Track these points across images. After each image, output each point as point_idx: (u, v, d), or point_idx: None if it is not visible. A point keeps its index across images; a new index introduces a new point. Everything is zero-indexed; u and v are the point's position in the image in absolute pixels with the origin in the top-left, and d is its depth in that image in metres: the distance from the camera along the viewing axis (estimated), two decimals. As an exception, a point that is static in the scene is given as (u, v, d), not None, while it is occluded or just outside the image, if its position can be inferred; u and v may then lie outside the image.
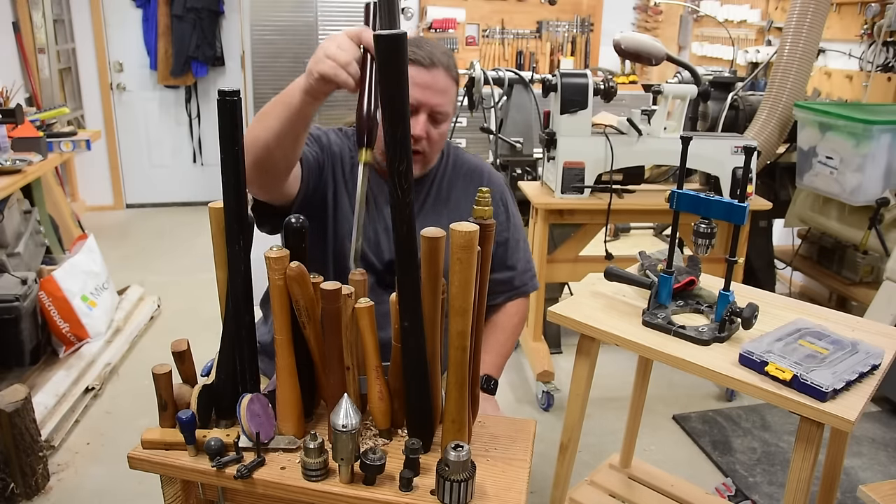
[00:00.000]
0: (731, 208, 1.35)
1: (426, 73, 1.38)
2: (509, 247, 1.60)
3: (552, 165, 2.69)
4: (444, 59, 1.41)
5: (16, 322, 2.57)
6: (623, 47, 2.57)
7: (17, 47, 4.23)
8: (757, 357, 1.27)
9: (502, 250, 1.60)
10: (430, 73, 1.38)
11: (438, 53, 1.40)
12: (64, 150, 3.35)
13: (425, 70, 1.38)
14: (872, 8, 3.27)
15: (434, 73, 1.38)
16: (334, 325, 1.00)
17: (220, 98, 0.95)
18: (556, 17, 5.53)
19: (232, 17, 5.08)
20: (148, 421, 1.10)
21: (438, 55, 1.40)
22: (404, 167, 0.90)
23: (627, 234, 4.63)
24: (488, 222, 0.99)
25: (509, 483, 0.98)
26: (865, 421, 2.69)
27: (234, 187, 0.98)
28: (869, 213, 2.75)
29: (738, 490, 2.27)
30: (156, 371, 1.02)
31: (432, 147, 1.45)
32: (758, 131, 2.97)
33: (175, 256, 4.36)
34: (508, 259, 1.61)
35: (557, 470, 1.67)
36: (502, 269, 1.61)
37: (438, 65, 1.39)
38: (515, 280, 1.62)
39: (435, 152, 1.48)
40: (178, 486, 1.07)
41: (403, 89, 0.88)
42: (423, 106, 1.39)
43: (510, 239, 1.60)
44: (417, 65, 1.38)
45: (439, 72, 1.39)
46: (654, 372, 1.97)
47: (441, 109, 1.41)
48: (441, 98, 1.40)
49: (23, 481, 2.12)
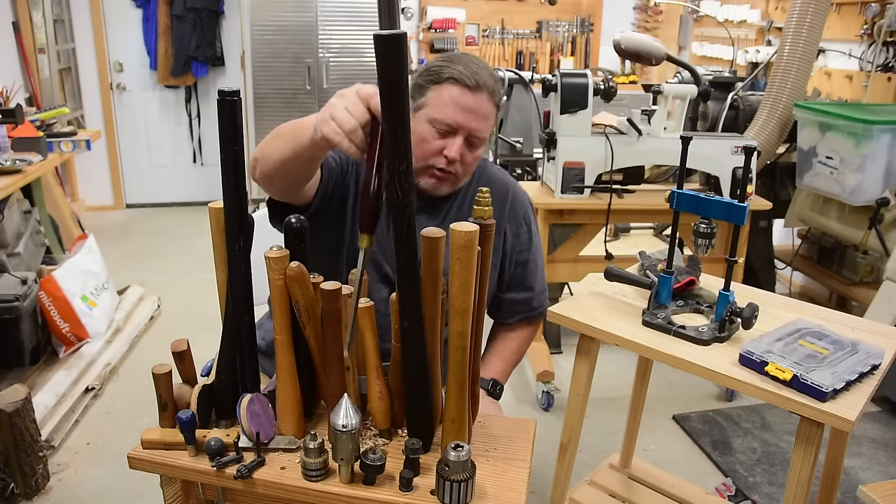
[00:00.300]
0: (731, 208, 1.35)
1: (470, 96, 1.33)
2: (529, 268, 1.58)
3: (552, 165, 2.69)
4: (489, 81, 1.36)
5: (16, 322, 2.57)
6: (623, 47, 2.57)
7: (17, 47, 4.23)
8: (757, 357, 1.27)
9: (521, 270, 1.57)
10: (475, 97, 1.33)
11: (485, 76, 1.35)
12: (64, 150, 3.35)
13: (470, 93, 1.33)
14: (872, 8, 3.27)
15: (478, 98, 1.34)
16: (334, 325, 1.00)
17: (220, 98, 0.95)
18: (556, 17, 5.54)
19: (232, 17, 5.08)
20: (148, 421, 1.10)
21: (485, 77, 1.35)
22: (404, 167, 0.90)
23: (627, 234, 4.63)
24: (488, 222, 0.99)
25: (509, 483, 0.98)
26: (865, 421, 2.69)
27: (234, 187, 0.98)
28: (869, 213, 2.75)
29: (738, 490, 2.27)
30: (156, 371, 1.02)
31: (465, 169, 1.41)
32: (758, 131, 2.97)
33: (175, 256, 4.36)
34: (527, 280, 1.59)
35: (557, 470, 1.67)
36: (521, 289, 1.59)
37: (484, 88, 1.34)
38: (533, 301, 1.61)
39: (466, 174, 1.43)
40: (178, 486, 1.07)
41: (404, 89, 0.88)
42: (462, 129, 1.34)
43: (531, 261, 1.58)
44: (462, 85, 1.33)
45: (483, 96, 1.34)
46: (654, 372, 1.97)
47: (479, 135, 1.37)
48: (481, 123, 1.36)
49: (23, 481, 2.12)
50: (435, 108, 1.34)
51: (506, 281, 1.57)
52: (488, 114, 1.37)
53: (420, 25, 5.35)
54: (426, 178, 1.39)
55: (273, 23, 4.68)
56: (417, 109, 1.37)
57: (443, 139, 1.35)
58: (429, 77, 1.36)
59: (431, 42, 5.35)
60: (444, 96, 1.33)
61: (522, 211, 1.56)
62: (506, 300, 1.59)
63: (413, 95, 1.38)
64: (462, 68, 1.33)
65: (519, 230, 1.55)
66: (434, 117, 1.34)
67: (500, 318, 1.63)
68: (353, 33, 4.83)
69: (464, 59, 1.36)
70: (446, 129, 1.34)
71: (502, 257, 1.53)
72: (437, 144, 1.35)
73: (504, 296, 1.58)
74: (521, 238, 1.55)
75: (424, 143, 1.36)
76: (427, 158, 1.37)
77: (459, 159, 1.36)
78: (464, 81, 1.32)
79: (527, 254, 1.57)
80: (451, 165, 1.37)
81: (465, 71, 1.33)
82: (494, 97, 1.37)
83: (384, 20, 0.85)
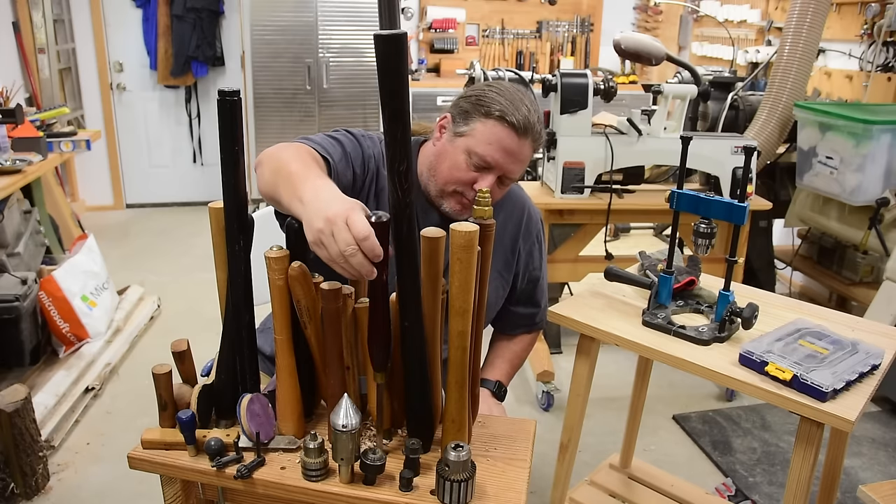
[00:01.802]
0: (731, 208, 1.35)
1: (515, 140, 1.30)
2: (539, 285, 1.60)
3: (552, 165, 2.69)
4: (537, 127, 1.33)
5: (16, 322, 2.57)
6: (623, 47, 2.57)
7: (17, 47, 4.23)
8: (757, 357, 1.27)
9: (531, 287, 1.58)
10: (519, 142, 1.31)
11: (534, 119, 1.33)
12: (64, 150, 3.35)
13: (516, 136, 1.30)
14: (872, 8, 3.27)
15: (522, 143, 1.32)
16: (334, 325, 1.00)
17: (220, 98, 0.95)
18: (556, 17, 5.53)
19: (232, 17, 5.08)
20: (148, 421, 1.10)
21: (533, 121, 1.32)
22: (404, 167, 0.90)
23: (627, 234, 4.63)
24: (488, 222, 0.99)
25: (509, 483, 0.98)
26: (865, 421, 2.69)
27: (234, 187, 0.98)
28: (869, 213, 2.75)
29: (738, 490, 2.27)
30: (156, 371, 1.02)
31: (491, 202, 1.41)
32: (758, 131, 2.97)
33: (175, 256, 4.36)
34: (535, 296, 1.61)
35: (557, 470, 1.67)
36: (529, 304, 1.60)
37: (529, 134, 1.32)
38: (537, 316, 1.63)
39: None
40: (178, 486, 1.07)
41: (404, 90, 0.88)
42: (498, 168, 1.32)
43: (541, 278, 1.59)
44: (510, 127, 1.30)
45: (527, 142, 1.32)
46: (654, 372, 1.97)
47: (513, 176, 1.36)
48: (518, 167, 1.35)
49: (23, 481, 2.12)
50: (477, 143, 1.31)
51: (515, 296, 1.58)
52: (527, 158, 1.35)
53: (420, 25, 5.34)
54: (452, 202, 1.37)
55: (273, 23, 4.68)
56: (459, 136, 1.34)
57: (477, 172, 1.33)
58: (478, 106, 1.32)
59: (431, 42, 5.35)
60: (490, 134, 1.30)
61: (536, 231, 1.57)
62: (513, 313, 1.60)
63: (455, 118, 1.36)
64: (514, 109, 1.30)
65: (532, 249, 1.56)
66: (474, 150, 1.31)
67: (503, 329, 1.65)
68: (353, 33, 4.83)
69: (516, 97, 1.32)
70: (483, 164, 1.32)
71: (515, 274, 1.54)
72: (470, 176, 1.33)
73: (512, 309, 1.60)
74: (534, 256, 1.56)
75: (457, 171, 1.33)
76: (457, 185, 1.35)
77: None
78: (513, 123, 1.29)
79: (538, 272, 1.58)
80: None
81: (517, 113, 1.30)
82: (537, 143, 1.35)
83: (384, 20, 0.85)
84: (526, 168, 1.40)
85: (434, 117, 1.44)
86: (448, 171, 1.34)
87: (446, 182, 1.35)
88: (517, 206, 1.53)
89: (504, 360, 1.59)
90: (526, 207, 1.55)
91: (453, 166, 1.33)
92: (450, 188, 1.35)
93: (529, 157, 1.36)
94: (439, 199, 1.38)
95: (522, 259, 1.54)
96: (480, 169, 1.32)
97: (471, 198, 1.34)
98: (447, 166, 1.34)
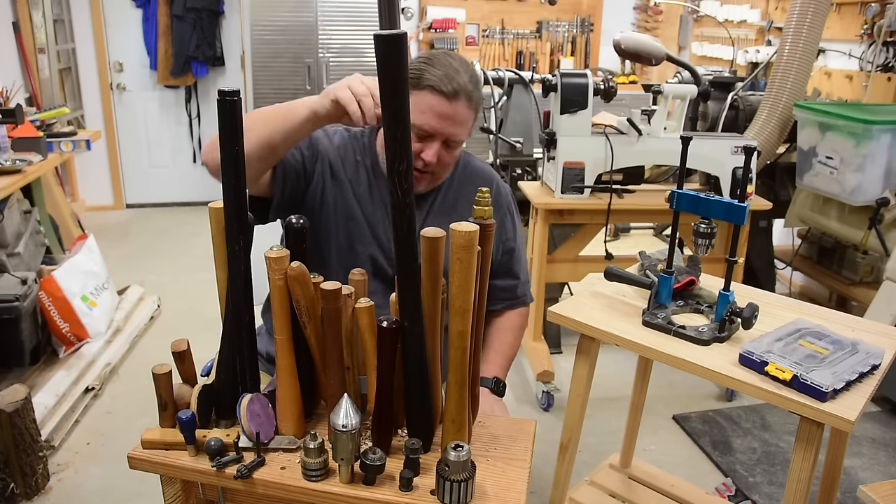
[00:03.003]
0: (731, 208, 1.35)
1: (447, 105, 1.33)
2: (515, 256, 1.61)
3: (552, 165, 2.69)
4: (468, 87, 1.35)
5: (16, 322, 2.57)
6: (623, 47, 2.57)
7: (17, 47, 4.23)
8: (757, 357, 1.27)
9: (508, 258, 1.60)
10: (452, 105, 1.34)
11: (463, 80, 1.34)
12: (64, 150, 3.35)
13: (447, 101, 1.33)
14: (872, 8, 3.27)
15: (455, 105, 1.34)
16: (334, 325, 1.00)
17: (220, 98, 0.95)
18: (556, 17, 5.53)
19: (232, 17, 5.08)
20: (148, 421, 1.10)
21: (463, 82, 1.34)
22: (404, 167, 0.90)
23: (627, 234, 4.63)
24: (488, 222, 0.99)
25: (509, 483, 0.98)
26: (865, 421, 2.69)
27: (234, 187, 0.98)
28: (869, 213, 2.75)
29: (738, 490, 2.27)
30: (156, 371, 1.02)
31: (442, 168, 1.44)
32: (758, 131, 2.97)
33: (175, 256, 4.36)
34: (513, 268, 1.62)
35: (557, 470, 1.67)
36: (507, 276, 1.61)
37: (461, 95, 1.34)
38: (518, 289, 1.63)
39: (444, 172, 1.47)
40: (178, 486, 1.07)
41: (404, 89, 0.88)
42: (439, 135, 1.36)
43: (516, 249, 1.61)
44: (438, 93, 1.32)
45: (461, 104, 1.35)
46: (654, 372, 1.97)
47: (457, 138, 1.39)
48: (458, 128, 1.37)
49: (23, 481, 2.12)
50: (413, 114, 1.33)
51: (494, 269, 1.58)
52: (466, 119, 1.39)
53: (420, 25, 5.34)
54: None
55: (273, 23, 4.68)
56: None
57: (420, 143, 1.37)
58: (412, 80, 1.35)
59: (431, 42, 5.35)
60: (423, 103, 1.34)
61: (506, 203, 1.59)
62: (493, 287, 1.60)
63: None
64: (441, 74, 1.33)
65: (504, 220, 1.57)
66: (412, 122, 1.34)
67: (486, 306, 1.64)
68: (353, 33, 4.83)
69: (444, 63, 1.35)
70: (424, 134, 1.36)
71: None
72: (414, 147, 1.37)
73: (491, 282, 1.59)
74: (507, 227, 1.58)
75: None
76: None
77: (437, 161, 1.40)
78: (441, 89, 1.32)
79: (513, 242, 1.60)
80: (428, 166, 1.40)
81: (443, 77, 1.32)
82: (472, 102, 1.38)
83: (384, 20, 0.85)
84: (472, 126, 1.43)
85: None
86: None
87: None
88: (485, 181, 1.56)
89: (498, 354, 1.58)
90: (494, 180, 1.59)
91: None
92: None
93: (468, 117, 1.39)
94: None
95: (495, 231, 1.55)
96: (423, 139, 1.37)
97: (420, 167, 1.39)
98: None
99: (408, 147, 0.90)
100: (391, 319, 0.95)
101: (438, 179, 1.48)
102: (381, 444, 1.00)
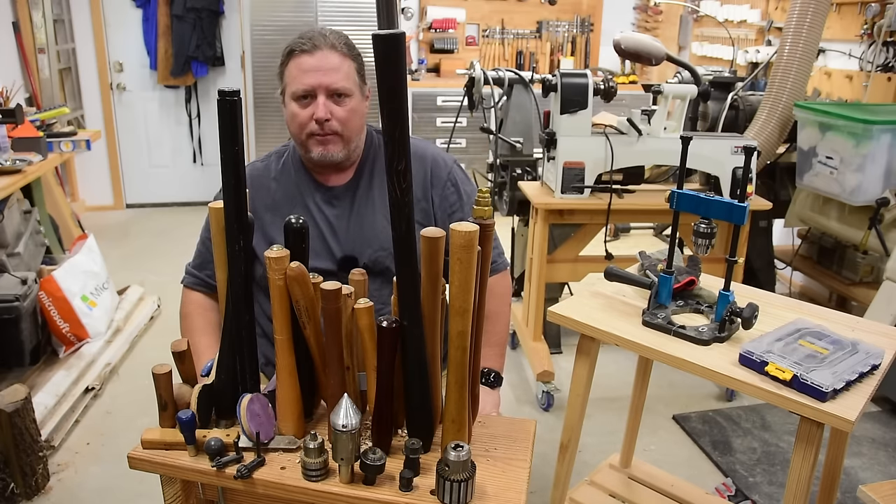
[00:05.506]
0: (731, 208, 1.35)
1: (310, 58, 1.41)
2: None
3: (552, 165, 2.69)
4: (329, 38, 1.43)
5: (16, 322, 2.57)
6: (623, 47, 2.57)
7: (17, 47, 4.23)
8: (757, 357, 1.27)
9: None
10: (315, 56, 1.41)
11: (323, 34, 1.43)
12: (64, 150, 3.35)
13: (309, 55, 1.41)
14: (872, 8, 3.27)
15: (319, 55, 1.41)
16: (334, 325, 1.00)
17: (220, 98, 0.95)
18: (556, 17, 5.53)
19: (232, 17, 5.08)
20: (148, 421, 1.10)
21: (320, 38, 1.42)
22: (403, 167, 0.90)
23: (627, 234, 4.63)
24: (488, 222, 0.99)
25: (509, 483, 0.98)
26: (865, 421, 2.69)
27: (234, 187, 0.98)
28: (869, 213, 2.75)
29: (738, 490, 2.27)
30: (156, 371, 1.02)
31: (344, 125, 1.45)
32: (758, 131, 2.97)
33: (175, 256, 4.35)
34: None
35: (557, 470, 1.67)
36: None
37: (322, 46, 1.41)
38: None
39: (352, 131, 1.47)
40: (178, 486, 1.07)
41: (402, 89, 0.88)
42: (317, 88, 1.41)
43: (466, 216, 1.57)
44: (299, 53, 1.41)
45: (324, 52, 1.41)
46: (654, 372, 1.97)
47: (337, 86, 1.42)
48: (333, 76, 1.42)
49: (23, 481, 2.12)
50: (289, 85, 1.44)
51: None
52: (336, 65, 1.42)
53: (420, 25, 5.34)
54: (313, 147, 1.46)
55: (273, 23, 4.68)
56: (283, 94, 1.47)
57: (309, 108, 1.43)
58: (280, 61, 1.47)
59: (431, 42, 5.35)
60: (292, 70, 1.43)
61: (446, 173, 1.58)
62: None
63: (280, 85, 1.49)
64: (298, 39, 1.42)
65: (445, 192, 1.56)
66: (292, 91, 1.43)
67: None
68: (352, 33, 4.74)
69: (305, 32, 1.45)
70: (305, 96, 1.42)
71: (434, 221, 1.56)
72: (306, 113, 1.43)
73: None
74: (450, 199, 1.57)
75: (297, 119, 1.44)
76: (304, 128, 1.44)
77: (331, 115, 1.42)
78: (300, 48, 1.41)
79: (460, 212, 1.58)
80: (327, 124, 1.43)
81: (300, 39, 1.42)
82: (339, 49, 1.44)
83: (383, 20, 0.85)
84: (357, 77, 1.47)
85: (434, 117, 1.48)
86: (293, 123, 1.46)
87: (298, 132, 1.46)
88: (418, 160, 1.55)
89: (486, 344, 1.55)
90: (428, 158, 1.57)
91: (293, 117, 1.45)
92: (303, 135, 1.45)
93: (339, 61, 1.43)
94: (305, 152, 1.48)
95: (436, 204, 1.56)
96: (308, 103, 1.43)
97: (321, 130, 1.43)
98: (290, 121, 1.47)
99: (406, 146, 0.90)
100: (391, 319, 0.95)
101: (350, 140, 1.48)
102: (381, 444, 1.00)
